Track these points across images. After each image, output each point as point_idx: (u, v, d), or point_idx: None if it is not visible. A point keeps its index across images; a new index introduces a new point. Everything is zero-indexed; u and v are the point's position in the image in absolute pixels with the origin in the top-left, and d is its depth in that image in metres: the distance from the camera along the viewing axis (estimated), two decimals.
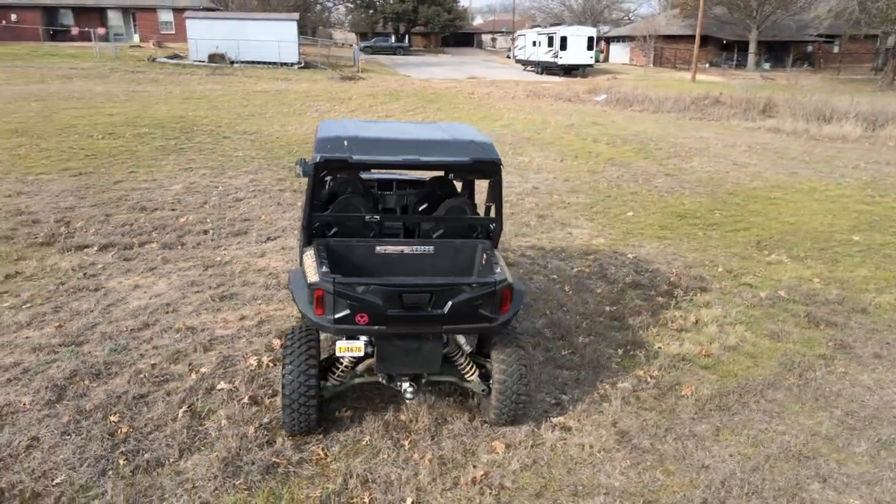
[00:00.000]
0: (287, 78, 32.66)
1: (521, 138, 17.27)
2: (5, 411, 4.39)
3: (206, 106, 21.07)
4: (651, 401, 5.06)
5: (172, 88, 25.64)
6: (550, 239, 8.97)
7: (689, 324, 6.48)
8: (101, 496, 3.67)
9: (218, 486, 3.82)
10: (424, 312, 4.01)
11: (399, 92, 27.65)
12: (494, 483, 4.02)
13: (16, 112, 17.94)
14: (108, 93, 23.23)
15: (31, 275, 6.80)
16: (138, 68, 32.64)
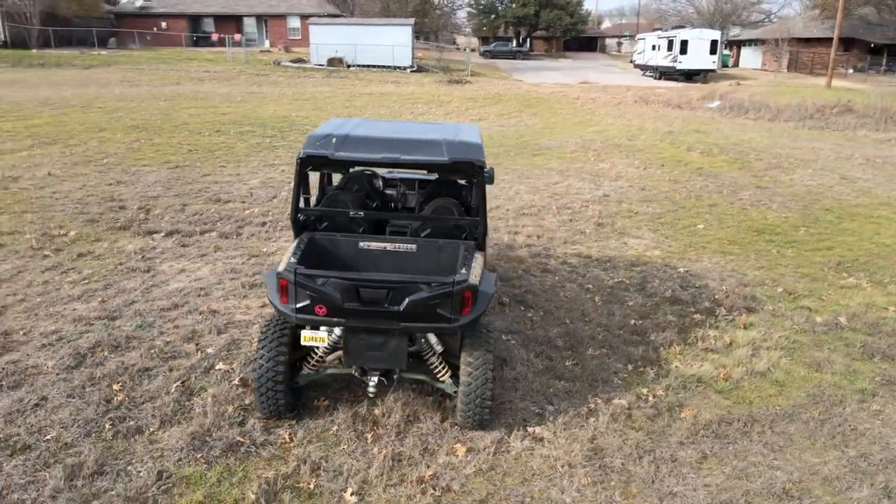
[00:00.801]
0: (396, 81, 33.65)
1: (609, 145, 16.79)
2: (30, 372, 4.93)
3: (311, 107, 22.21)
4: (643, 420, 4.82)
5: (286, 90, 27.23)
6: (601, 248, 8.70)
7: (720, 345, 6.08)
8: (78, 454, 4.05)
9: (182, 458, 4.10)
10: (381, 308, 4.07)
11: (501, 96, 27.70)
12: (441, 485, 4.01)
13: (144, 110, 19.81)
14: (229, 94, 25.07)
15: (100, 255, 7.54)
16: (262, 71, 34.93)
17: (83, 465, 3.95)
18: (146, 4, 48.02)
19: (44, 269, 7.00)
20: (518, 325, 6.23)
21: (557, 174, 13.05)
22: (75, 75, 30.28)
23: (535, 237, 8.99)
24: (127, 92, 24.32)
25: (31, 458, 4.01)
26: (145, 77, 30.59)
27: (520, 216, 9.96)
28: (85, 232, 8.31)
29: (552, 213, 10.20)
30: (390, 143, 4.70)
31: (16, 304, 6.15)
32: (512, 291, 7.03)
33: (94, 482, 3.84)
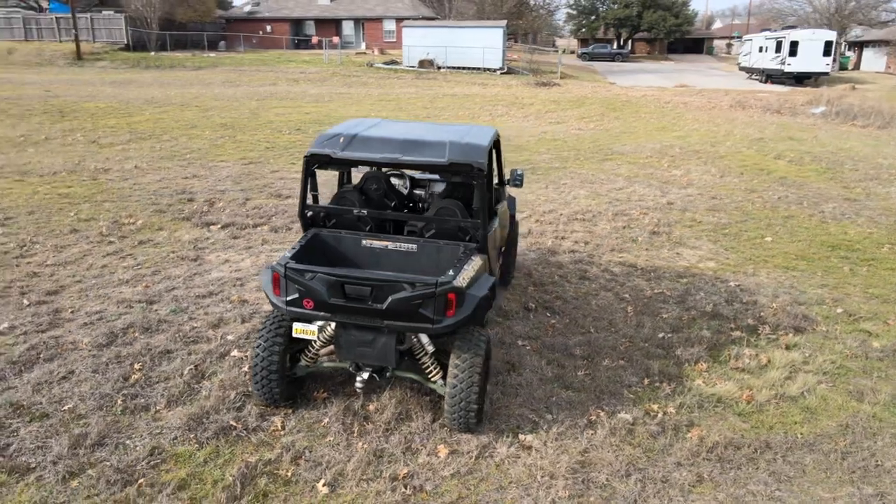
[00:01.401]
0: (483, 83, 33.74)
1: (688, 151, 16.10)
2: (66, 347, 5.37)
3: (393, 107, 22.68)
4: (644, 437, 4.62)
5: (373, 91, 27.95)
6: (650, 257, 8.38)
7: (754, 364, 5.73)
8: (86, 425, 4.37)
9: (177, 437, 4.34)
10: (365, 305, 4.14)
11: (586, 99, 27.16)
12: (414, 484, 4.03)
13: (235, 109, 20.95)
14: (318, 94, 26.04)
15: (158, 243, 8.08)
16: (354, 73, 36.01)
17: (88, 435, 4.26)
18: (254, 9, 50.68)
19: (105, 254, 7.57)
20: (538, 332, 6.12)
21: (623, 180, 12.67)
22: (184, 76, 32.43)
23: (583, 243, 8.78)
24: (225, 92, 25.79)
25: (45, 425, 4.37)
26: (245, 78, 32.30)
27: (571, 221, 9.75)
28: (151, 221, 8.92)
29: (606, 220, 9.92)
30: (395, 143, 4.76)
31: (73, 284, 6.69)
32: (542, 297, 6.92)
33: (94, 452, 4.14)
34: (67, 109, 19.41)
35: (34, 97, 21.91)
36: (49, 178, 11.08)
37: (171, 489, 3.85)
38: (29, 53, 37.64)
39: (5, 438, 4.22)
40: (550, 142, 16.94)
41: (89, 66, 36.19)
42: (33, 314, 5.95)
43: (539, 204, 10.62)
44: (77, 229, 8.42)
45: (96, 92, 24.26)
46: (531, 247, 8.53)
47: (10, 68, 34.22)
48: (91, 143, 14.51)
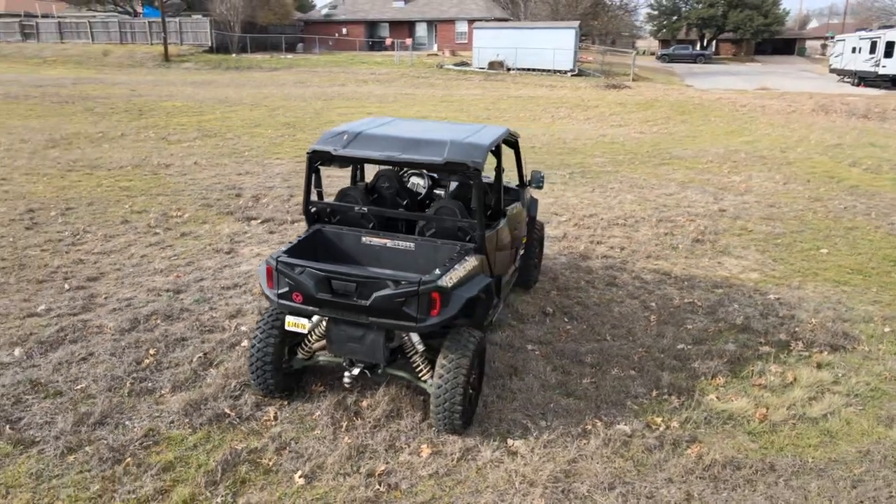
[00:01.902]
0: (552, 85, 33.35)
1: (755, 156, 15.38)
2: (92, 330, 5.69)
3: (454, 108, 22.76)
4: (639, 450, 4.46)
5: (437, 92, 28.13)
6: (688, 266, 8.07)
7: (777, 382, 5.42)
8: (93, 404, 4.62)
9: (174, 420, 4.52)
10: (351, 301, 4.18)
11: (655, 102, 26.37)
12: (390, 481, 4.04)
13: (301, 109, 21.58)
14: (383, 95, 26.46)
15: (199, 235, 8.43)
16: (423, 74, 36.35)
17: (92, 414, 4.50)
18: (331, 12, 52.05)
19: (147, 245, 7.97)
20: (550, 337, 6.01)
21: (676, 185, 12.24)
22: (259, 77, 33.68)
23: (618, 249, 8.54)
24: (295, 92, 26.60)
25: (56, 402, 4.64)
26: (317, 79, 33.20)
27: (611, 226, 9.50)
28: (197, 215, 9.31)
29: (649, 225, 9.61)
30: (396, 142, 4.78)
31: (112, 272, 7.08)
32: (563, 302, 6.78)
33: (95, 430, 4.37)
34: (146, 108, 20.52)
35: (119, 96, 23.30)
36: (115, 172, 11.76)
37: (157, 470, 4.01)
38: (122, 55, 40.05)
39: (18, 412, 4.51)
40: (608, 145, 16.57)
41: (175, 67, 38.14)
42: (70, 298, 6.33)
43: (581, 208, 10.41)
44: (128, 220, 8.89)
45: (176, 92, 25.54)
46: (563, 251, 8.37)
47: (104, 69, 36.53)
48: (160, 140, 15.29)
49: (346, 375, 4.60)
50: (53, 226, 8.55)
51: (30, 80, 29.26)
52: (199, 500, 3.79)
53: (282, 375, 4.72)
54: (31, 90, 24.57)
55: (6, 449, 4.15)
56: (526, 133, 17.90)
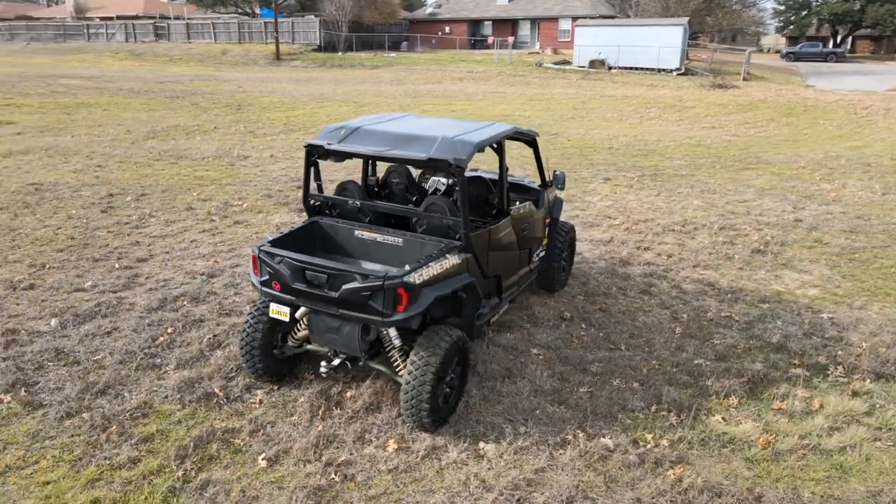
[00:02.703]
0: (652, 84, 32.12)
1: (857, 164, 14.11)
2: (124, 307, 6.14)
3: (541, 107, 22.47)
4: (615, 466, 4.25)
5: (529, 90, 27.87)
6: (738, 278, 7.56)
7: (800, 407, 4.99)
8: (100, 375, 4.99)
9: (167, 395, 4.80)
10: (322, 292, 4.26)
11: (761, 103, 24.75)
12: (347, 472, 4.09)
13: (388, 105, 22.08)
14: (474, 93, 26.55)
15: (249, 224, 8.86)
16: (520, 73, 36.11)
17: (97, 383, 4.86)
18: (435, 11, 52.80)
19: (201, 231, 8.47)
20: (560, 342, 5.83)
21: (754, 192, 11.45)
22: (359, 74, 34.76)
23: (665, 256, 8.13)
24: (388, 89, 27.24)
25: (73, 370, 5.06)
26: (414, 76, 33.82)
27: (666, 232, 9.06)
28: (256, 204, 9.78)
29: (708, 233, 9.07)
30: (390, 137, 4.81)
31: (161, 254, 7.59)
32: (585, 307, 6.56)
33: (96, 399, 4.72)
34: (245, 103, 21.74)
35: (225, 92, 24.83)
36: (196, 162, 12.56)
37: (136, 440, 4.28)
38: (238, 54, 42.63)
39: (37, 377, 4.95)
40: (692, 147, 15.77)
41: (284, 65, 40.12)
42: (116, 277, 6.86)
43: (639, 212, 9.99)
44: (192, 207, 9.49)
45: (277, 88, 26.88)
46: (604, 255, 8.08)
47: (220, 67, 39.04)
48: (247, 133, 16.16)
49: (323, 365, 4.69)
50: (126, 210, 9.27)
51: (154, 76, 31.79)
52: (164, 472, 4.01)
53: (272, 361, 4.89)
54: (152, 86, 26.69)
55: (16, 409, 4.57)
56: (607, 133, 17.39)
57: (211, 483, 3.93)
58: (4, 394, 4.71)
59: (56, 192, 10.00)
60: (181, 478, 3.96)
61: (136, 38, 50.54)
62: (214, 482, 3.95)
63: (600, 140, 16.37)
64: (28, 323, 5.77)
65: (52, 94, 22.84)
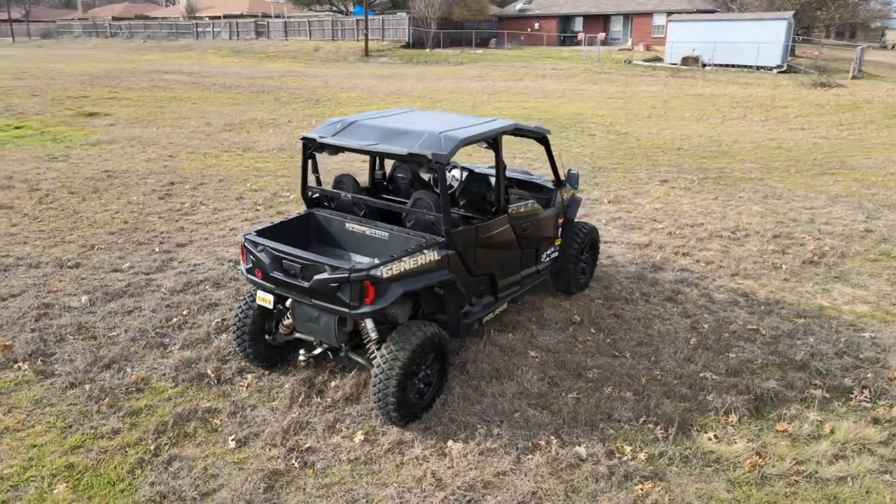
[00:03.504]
0: (746, 82, 30.46)
1: None
2: (151, 288, 6.52)
3: (617, 106, 21.84)
4: (582, 477, 4.10)
5: (611, 89, 27.13)
6: (780, 289, 7.08)
7: (806, 430, 4.64)
8: (110, 350, 5.33)
9: (165, 373, 5.06)
10: (296, 282, 4.36)
11: (865, 104, 22.92)
12: (308, 458, 4.17)
13: (460, 102, 22.13)
14: (552, 90, 26.16)
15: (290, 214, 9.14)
16: (606, 70, 35.20)
17: (104, 358, 5.20)
18: (525, 7, 52.32)
19: (243, 220, 8.85)
20: (562, 346, 5.68)
21: (826, 199, 10.65)
22: (442, 71, 35.03)
23: (703, 263, 7.73)
24: (467, 86, 27.31)
25: (88, 345, 5.43)
26: (496, 73, 33.72)
27: (712, 238, 8.60)
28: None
29: (758, 241, 8.54)
30: (381, 132, 4.85)
31: (200, 240, 7.99)
32: (600, 312, 6.35)
33: (101, 372, 5.05)
34: (324, 98, 22.44)
35: (308, 87, 25.72)
36: (260, 154, 13.12)
37: (123, 413, 4.55)
38: (329, 51, 44.01)
39: (55, 349, 5.36)
40: (770, 150, 14.85)
41: (372, 61, 41.05)
42: (153, 260, 7.29)
43: (689, 216, 9.53)
44: (242, 197, 9.92)
45: (359, 84, 27.56)
46: (637, 259, 7.78)
47: (311, 63, 40.46)
48: None
49: (302, 353, 4.80)
50: (181, 197, 9.83)
51: (248, 72, 33.40)
52: (140, 445, 4.24)
53: (264, 346, 5.05)
54: (243, 81, 28.05)
55: (29, 377, 4.97)
56: (680, 133, 16.68)
57: (178, 458, 4.13)
58: (23, 362, 5.13)
59: (125, 178, 10.74)
60: (152, 451, 4.17)
61: (239, 35, 53.21)
62: (182, 458, 4.14)
63: (671, 140, 15.72)
64: (63, 298, 6.24)
65: (152, 89, 24.48)
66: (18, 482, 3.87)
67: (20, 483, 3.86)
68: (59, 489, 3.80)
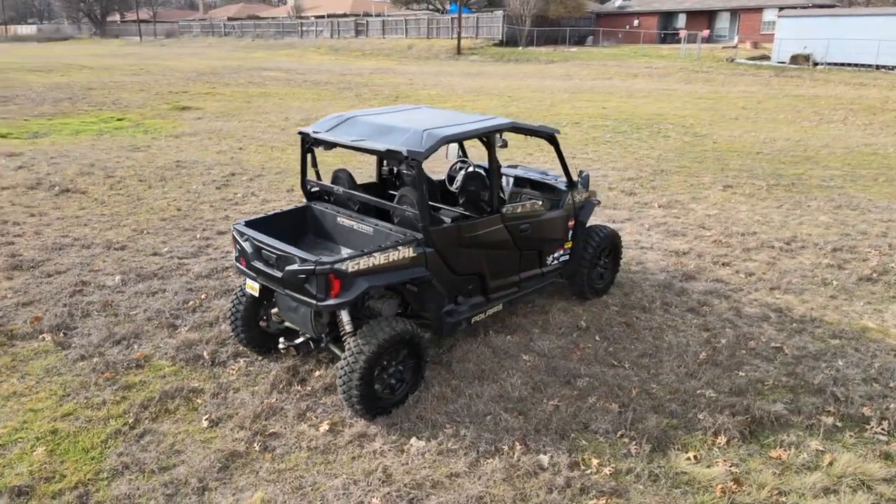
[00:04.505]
0: (861, 83, 28.16)
1: None
2: (181, 272, 6.91)
3: (704, 106, 20.84)
4: (535, 485, 3.99)
5: (702, 88, 25.90)
6: (823, 307, 6.55)
7: (802, 460, 4.29)
8: (124, 328, 5.71)
9: (167, 352, 5.36)
10: (273, 272, 4.49)
11: None
12: (269, 443, 4.29)
13: (538, 101, 21.85)
14: (638, 90, 25.31)
15: None
16: (705, 69, 33.61)
17: (116, 335, 5.58)
18: (624, 3, 50.80)
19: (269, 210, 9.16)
20: (559, 351, 5.52)
21: None
22: (530, 69, 34.69)
23: (744, 275, 7.26)
24: (551, 84, 26.93)
25: (107, 320, 5.84)
26: (584, 72, 33.00)
27: (761, 249, 8.05)
28: None
29: (815, 253, 7.92)
30: (371, 128, 4.91)
31: None
32: (611, 319, 6.12)
33: (111, 347, 5.42)
34: (403, 94, 22.83)
35: (392, 85, 26.25)
36: None
37: (118, 387, 4.87)
38: (422, 49, 44.66)
39: (78, 323, 5.80)
40: (863, 156, 13.68)
41: (463, 59, 41.27)
42: (191, 245, 7.72)
43: (743, 224, 8.97)
44: (293, 189, 10.30)
45: (442, 81, 27.81)
46: (669, 267, 7.42)
47: (403, 61, 41.22)
48: None
49: (281, 341, 4.94)
50: (237, 188, 10.33)
51: (340, 69, 34.52)
52: (123, 416, 4.52)
53: (257, 332, 5.24)
54: (333, 78, 29.03)
55: (49, 347, 5.41)
56: (765, 136, 15.69)
57: (151, 433, 4.37)
58: (47, 333, 5.59)
59: (191, 169, 11.42)
60: (131, 424, 4.44)
61: (340, 34, 55.04)
62: (155, 432, 4.38)
63: (751, 143, 14.81)
64: (100, 277, 6.74)
65: (247, 85, 25.82)
66: (7, 441, 4.23)
67: (8, 442, 4.22)
68: (38, 451, 4.13)
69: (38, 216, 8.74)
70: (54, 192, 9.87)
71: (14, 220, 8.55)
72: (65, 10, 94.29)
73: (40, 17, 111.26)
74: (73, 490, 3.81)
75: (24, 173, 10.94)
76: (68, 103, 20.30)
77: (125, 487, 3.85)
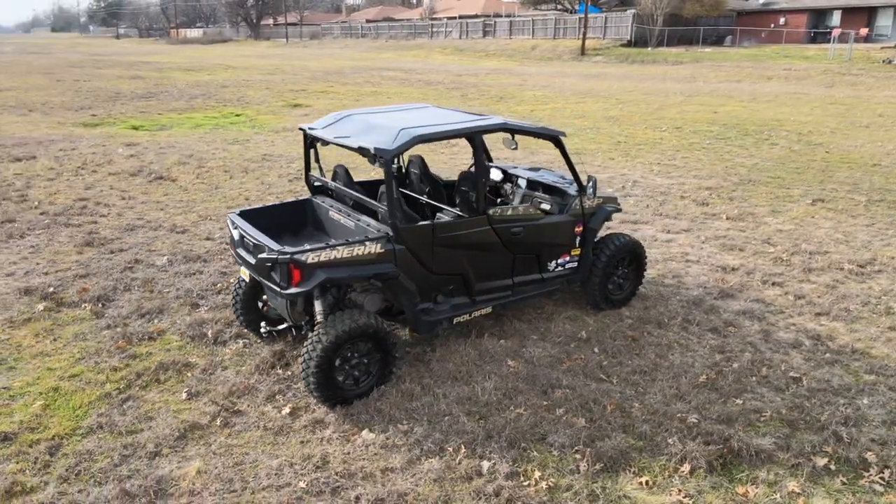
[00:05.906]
0: None
1: None
2: (222, 257, 7.43)
3: (833, 112, 19.05)
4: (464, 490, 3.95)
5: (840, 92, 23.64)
6: (875, 338, 5.88)
7: (769, 501, 3.94)
8: (147, 304, 6.24)
9: (180, 328, 5.82)
10: (251, 260, 4.77)
11: None
12: (230, 420, 4.56)
13: (646, 103, 20.97)
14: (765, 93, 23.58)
15: None
16: (853, 72, 30.60)
17: (143, 308, 6.13)
18: (768, 0, 47.22)
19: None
20: (548, 360, 5.37)
21: None
22: (653, 71, 33.29)
23: (792, 297, 6.64)
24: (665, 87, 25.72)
25: (142, 296, 6.44)
26: (713, 74, 31.18)
27: (829, 270, 7.30)
28: None
29: (892, 280, 7.06)
30: (362, 126, 5.06)
31: None
32: (619, 332, 5.85)
33: (135, 320, 5.97)
34: (508, 95, 22.80)
35: (502, 85, 26.29)
36: None
37: (126, 355, 5.37)
38: (546, 49, 44.21)
39: (118, 296, 6.44)
40: None
41: (586, 60, 40.39)
42: None
43: (817, 242, 8.16)
44: None
45: (555, 83, 27.44)
46: (709, 282, 6.93)
47: (524, 62, 41.06)
48: None
49: (263, 325, 5.21)
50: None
51: (457, 69, 35.04)
52: (117, 382, 4.99)
53: (256, 315, 5.57)
54: (447, 78, 29.56)
55: (85, 315, 6.06)
56: (892, 147, 14.09)
57: (134, 398, 4.79)
58: (89, 303, 6.27)
59: (274, 162, 12.17)
60: (119, 389, 4.90)
61: (468, 34, 55.77)
62: (137, 399, 4.79)
63: (871, 154, 13.36)
64: (153, 257, 7.43)
65: (363, 84, 26.95)
66: (17, 393, 4.82)
67: (18, 394, 4.81)
68: (36, 405, 4.67)
69: (127, 199, 9.75)
70: (149, 178, 10.93)
71: (106, 202, 9.60)
72: (227, 14, 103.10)
73: (206, 21, 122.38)
74: (49, 441, 4.28)
75: (132, 161, 12.21)
76: (201, 99, 22.25)
77: (91, 444, 4.26)
